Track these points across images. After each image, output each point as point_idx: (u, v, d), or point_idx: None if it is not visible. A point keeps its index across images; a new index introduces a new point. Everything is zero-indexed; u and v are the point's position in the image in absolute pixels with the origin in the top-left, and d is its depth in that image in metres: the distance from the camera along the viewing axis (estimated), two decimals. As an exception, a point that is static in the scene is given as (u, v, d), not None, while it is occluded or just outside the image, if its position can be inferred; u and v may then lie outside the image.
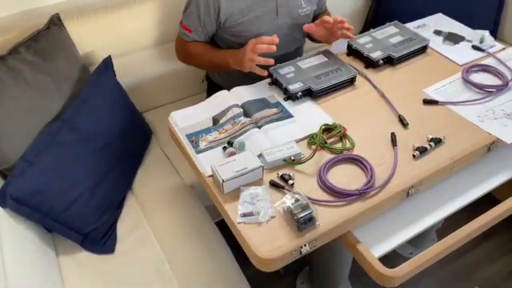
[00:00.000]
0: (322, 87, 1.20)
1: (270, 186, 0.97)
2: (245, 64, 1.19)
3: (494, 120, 1.11)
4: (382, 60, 1.29)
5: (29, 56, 1.16)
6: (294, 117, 1.15)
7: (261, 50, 1.14)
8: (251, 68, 1.19)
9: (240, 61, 1.21)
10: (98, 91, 1.24)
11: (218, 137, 1.10)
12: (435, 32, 1.44)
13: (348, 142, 1.07)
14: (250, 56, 1.16)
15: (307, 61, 1.30)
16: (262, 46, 1.14)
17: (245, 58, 1.18)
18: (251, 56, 1.16)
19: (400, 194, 0.98)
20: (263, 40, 1.14)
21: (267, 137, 1.09)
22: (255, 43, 1.15)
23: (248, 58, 1.17)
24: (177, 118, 1.16)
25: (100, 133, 1.21)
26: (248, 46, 1.17)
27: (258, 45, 1.14)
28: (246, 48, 1.17)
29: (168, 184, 1.35)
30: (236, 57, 1.23)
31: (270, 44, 1.13)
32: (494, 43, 1.37)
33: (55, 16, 1.29)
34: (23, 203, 1.03)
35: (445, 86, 1.22)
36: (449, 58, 1.33)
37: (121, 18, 1.41)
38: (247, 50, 1.17)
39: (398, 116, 1.13)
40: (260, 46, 1.14)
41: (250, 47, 1.16)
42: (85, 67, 1.31)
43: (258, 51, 1.14)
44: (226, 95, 1.22)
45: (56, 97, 1.19)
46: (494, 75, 1.25)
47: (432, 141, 1.05)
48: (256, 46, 1.14)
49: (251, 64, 1.18)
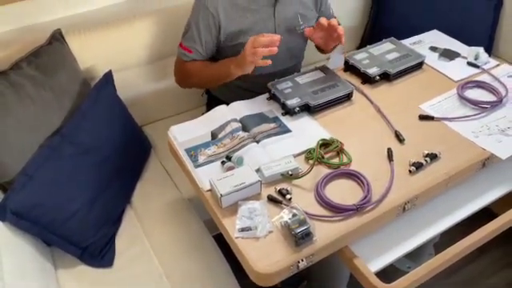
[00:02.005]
0: (319, 102, 1.22)
1: (268, 201, 0.98)
2: (247, 60, 1.15)
3: (488, 136, 1.13)
4: (378, 76, 1.31)
5: (30, 71, 1.18)
6: (292, 131, 1.17)
7: (262, 42, 1.11)
8: (253, 62, 1.14)
9: (241, 62, 1.18)
10: (98, 106, 1.25)
11: (217, 151, 1.11)
12: (431, 48, 1.46)
13: (345, 157, 1.09)
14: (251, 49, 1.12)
15: (305, 76, 1.32)
16: (262, 38, 1.11)
17: (246, 55, 1.14)
18: (252, 49, 1.12)
19: (396, 209, 0.99)
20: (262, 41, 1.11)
21: (265, 151, 1.10)
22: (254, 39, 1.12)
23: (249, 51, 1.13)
24: (176, 132, 1.18)
25: (99, 147, 1.23)
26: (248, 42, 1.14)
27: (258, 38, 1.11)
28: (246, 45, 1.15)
29: (166, 198, 1.35)
30: (236, 61, 1.22)
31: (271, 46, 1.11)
32: (489, 60, 1.39)
33: (57, 31, 1.31)
34: (22, 217, 1.04)
35: (440, 102, 1.24)
36: (444, 74, 1.35)
37: (122, 34, 1.43)
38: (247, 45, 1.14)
39: (395, 131, 1.15)
40: (260, 38, 1.11)
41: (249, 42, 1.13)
42: (85, 81, 1.33)
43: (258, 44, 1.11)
44: (225, 110, 1.24)
45: (57, 111, 1.21)
46: (488, 91, 1.27)
47: (428, 156, 1.06)
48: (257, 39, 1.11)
49: (253, 58, 1.13)
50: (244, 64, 1.18)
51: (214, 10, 1.26)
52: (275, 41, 1.11)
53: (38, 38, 1.30)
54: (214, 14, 1.26)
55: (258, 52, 1.12)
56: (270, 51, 1.12)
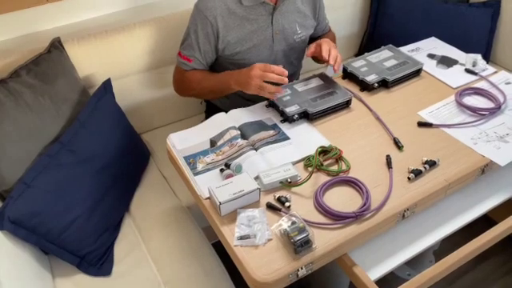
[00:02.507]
0: (318, 110, 1.22)
1: (267, 209, 0.98)
2: (250, 88, 1.18)
3: (487, 142, 1.13)
4: (376, 83, 1.31)
5: (29, 79, 1.18)
6: (291, 139, 1.17)
7: (271, 79, 1.14)
8: (258, 93, 1.18)
9: (244, 83, 1.20)
10: (97, 114, 1.25)
11: (216, 159, 1.11)
12: (429, 55, 1.47)
13: (344, 164, 1.09)
14: (258, 83, 1.15)
15: (303, 84, 1.32)
16: (271, 75, 1.14)
17: (251, 82, 1.17)
18: (259, 83, 1.15)
19: (396, 217, 0.99)
20: (273, 68, 1.14)
21: (264, 159, 1.10)
22: (264, 70, 1.15)
23: (255, 83, 1.16)
24: (175, 139, 1.18)
25: (98, 155, 1.22)
26: (253, 71, 1.16)
27: (266, 73, 1.14)
28: (252, 72, 1.16)
29: (165, 205, 1.35)
30: (238, 78, 1.23)
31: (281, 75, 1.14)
32: (487, 67, 1.40)
33: (56, 40, 1.31)
34: (21, 225, 1.04)
35: (439, 109, 1.24)
36: (442, 81, 1.35)
37: (120, 42, 1.43)
38: (253, 74, 1.16)
39: (393, 138, 1.15)
40: (270, 75, 1.14)
41: (257, 73, 1.15)
42: (84, 90, 1.33)
43: (266, 79, 1.14)
44: (224, 117, 1.24)
45: (56, 119, 1.21)
46: (486, 98, 1.27)
47: (427, 163, 1.06)
48: (265, 74, 1.14)
49: (259, 90, 1.17)
50: (247, 88, 1.20)
51: (213, 19, 1.26)
52: (285, 80, 1.14)
53: (37, 47, 1.31)
54: (212, 23, 1.27)
55: (266, 89, 1.16)
56: (277, 89, 1.16)
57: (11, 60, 1.28)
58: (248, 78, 1.18)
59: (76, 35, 1.40)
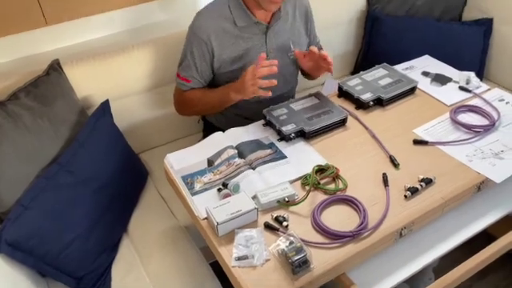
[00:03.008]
0: (314, 128, 1.23)
1: (265, 228, 0.98)
2: (247, 90, 1.19)
3: (482, 160, 1.14)
4: (372, 101, 1.32)
5: (28, 101, 1.19)
6: (288, 158, 1.18)
7: (262, 74, 1.15)
8: (254, 92, 1.19)
9: (241, 88, 1.21)
10: (95, 134, 1.26)
11: (213, 178, 1.12)
12: (423, 73, 1.49)
13: (341, 183, 1.09)
14: (252, 80, 1.16)
15: (299, 103, 1.34)
16: (262, 69, 1.14)
17: (246, 84, 1.18)
18: (253, 80, 1.16)
19: (393, 235, 0.99)
20: (262, 63, 1.15)
21: (261, 178, 1.10)
22: (254, 68, 1.16)
23: (250, 82, 1.17)
24: (172, 159, 1.18)
25: (96, 175, 1.23)
26: (247, 73, 1.18)
27: (257, 69, 1.15)
28: (245, 75, 1.18)
29: (163, 225, 1.35)
30: (235, 87, 1.25)
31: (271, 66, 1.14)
32: (480, 84, 1.42)
33: (55, 62, 1.33)
34: (18, 248, 1.03)
35: (434, 126, 1.26)
36: (437, 99, 1.37)
37: (119, 63, 1.45)
38: (247, 75, 1.17)
39: (389, 156, 1.16)
40: (260, 70, 1.15)
41: (249, 73, 1.17)
42: (83, 111, 1.34)
43: (259, 75, 1.15)
44: (221, 136, 1.25)
45: (54, 140, 1.21)
46: (481, 115, 1.29)
47: (423, 181, 1.07)
48: (256, 71, 1.15)
49: (254, 88, 1.17)
50: (244, 93, 1.21)
51: (207, 39, 1.29)
52: (274, 69, 1.14)
53: (36, 69, 1.32)
54: (206, 43, 1.29)
55: (258, 84, 1.16)
56: (271, 82, 1.15)
57: (10, 82, 1.29)
58: (243, 82, 1.20)
59: (75, 57, 1.41)
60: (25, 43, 1.47)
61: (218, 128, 1.48)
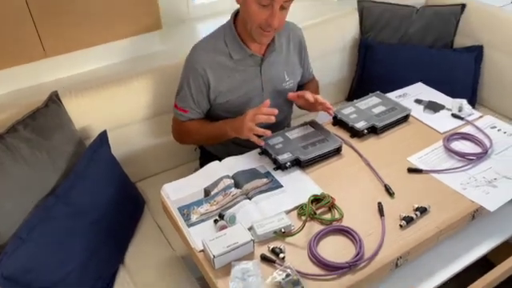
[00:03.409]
0: (309, 157, 1.24)
1: (261, 260, 0.98)
2: (243, 132, 1.23)
3: (476, 188, 1.15)
4: (366, 130, 1.34)
5: (27, 134, 1.20)
6: (284, 187, 1.18)
7: (259, 121, 1.19)
8: (249, 137, 1.23)
9: (238, 128, 1.25)
10: (93, 165, 1.27)
11: (210, 209, 1.12)
12: (416, 101, 1.51)
13: (337, 213, 1.10)
14: (250, 125, 1.21)
15: (295, 131, 1.36)
16: (261, 116, 1.19)
17: (244, 127, 1.22)
18: (250, 125, 1.21)
19: (389, 265, 0.99)
20: (262, 110, 1.20)
21: (258, 208, 1.11)
22: (254, 113, 1.20)
23: (247, 126, 1.21)
24: (169, 190, 1.19)
25: (93, 206, 1.23)
26: (247, 115, 1.22)
27: (257, 115, 1.19)
28: (246, 117, 1.22)
29: (159, 256, 1.34)
30: (233, 125, 1.28)
31: (269, 115, 1.19)
32: (472, 111, 1.44)
33: (53, 93, 1.35)
34: (15, 282, 1.02)
35: (428, 154, 1.27)
36: (430, 127, 1.39)
37: (117, 93, 1.47)
38: (246, 119, 1.22)
39: (384, 185, 1.17)
40: (259, 116, 1.19)
41: (249, 116, 1.21)
42: (81, 141, 1.35)
43: (257, 121, 1.20)
44: (217, 166, 1.26)
45: (52, 172, 1.22)
46: (473, 143, 1.31)
47: (418, 210, 1.08)
48: (255, 117, 1.19)
49: (250, 133, 1.22)
50: (241, 134, 1.25)
51: (203, 71, 1.32)
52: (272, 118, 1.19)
53: (35, 100, 1.34)
54: (202, 75, 1.32)
55: (255, 130, 1.20)
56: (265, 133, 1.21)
57: (9, 114, 1.31)
58: (241, 122, 1.23)
59: (73, 88, 1.44)
60: (24, 74, 1.49)
61: (214, 156, 1.50)
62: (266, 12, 1.20)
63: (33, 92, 1.46)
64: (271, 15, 1.20)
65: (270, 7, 1.19)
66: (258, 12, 1.21)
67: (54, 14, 1.44)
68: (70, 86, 1.46)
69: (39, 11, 1.41)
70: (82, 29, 1.51)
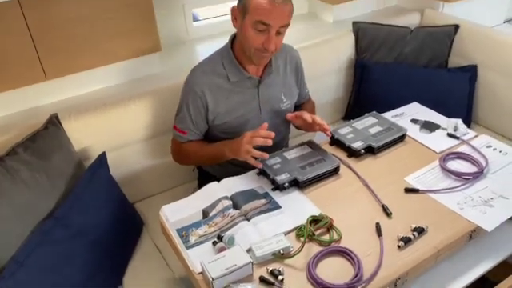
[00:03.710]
0: (307, 178, 1.25)
1: (260, 282, 0.98)
2: (241, 154, 1.25)
3: (473, 207, 1.16)
4: (363, 150, 1.36)
5: (26, 156, 1.21)
6: (282, 208, 1.19)
7: (256, 143, 1.21)
8: (247, 159, 1.24)
9: (236, 150, 1.26)
10: (92, 187, 1.27)
11: (208, 230, 1.13)
12: (412, 121, 1.53)
13: (335, 234, 1.10)
14: (247, 147, 1.22)
15: (292, 151, 1.37)
16: (258, 139, 1.20)
17: (241, 149, 1.23)
18: (247, 147, 1.22)
19: (388, 286, 0.99)
20: (260, 133, 1.21)
21: (256, 229, 1.11)
22: (252, 136, 1.22)
23: (244, 149, 1.23)
24: (167, 212, 1.19)
25: (92, 228, 1.23)
26: (245, 138, 1.23)
27: (254, 138, 1.21)
28: (243, 139, 1.24)
29: (158, 277, 1.34)
30: (231, 146, 1.29)
31: (266, 138, 1.20)
32: (468, 131, 1.46)
33: (53, 116, 1.36)
34: (12, 306, 1.02)
35: (424, 174, 1.28)
36: (426, 146, 1.40)
37: (116, 115, 1.48)
38: (244, 141, 1.23)
39: (382, 205, 1.17)
40: (256, 138, 1.20)
41: (246, 139, 1.23)
42: (80, 163, 1.36)
43: (254, 144, 1.21)
44: (216, 187, 1.27)
45: (50, 194, 1.23)
46: (469, 162, 1.32)
47: (415, 230, 1.08)
48: (253, 139, 1.21)
49: (247, 155, 1.23)
50: (238, 156, 1.26)
51: (201, 93, 1.34)
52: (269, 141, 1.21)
53: (35, 122, 1.35)
54: (201, 97, 1.34)
55: (252, 153, 1.22)
56: (262, 155, 1.22)
57: (9, 136, 1.32)
58: (239, 144, 1.25)
59: (73, 110, 1.45)
60: (24, 97, 1.51)
61: (212, 176, 1.51)
62: (262, 37, 1.23)
63: (33, 114, 1.48)
64: (267, 40, 1.23)
65: (266, 32, 1.22)
66: (254, 37, 1.24)
67: (54, 38, 1.46)
68: (70, 107, 1.48)
69: (40, 35, 1.44)
70: (82, 52, 1.54)
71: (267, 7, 1.18)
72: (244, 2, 1.23)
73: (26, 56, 1.44)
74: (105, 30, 1.56)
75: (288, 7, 1.22)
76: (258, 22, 1.21)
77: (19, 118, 1.47)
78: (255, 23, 1.21)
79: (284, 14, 1.21)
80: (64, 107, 1.49)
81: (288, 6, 1.22)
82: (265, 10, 1.19)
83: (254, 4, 1.20)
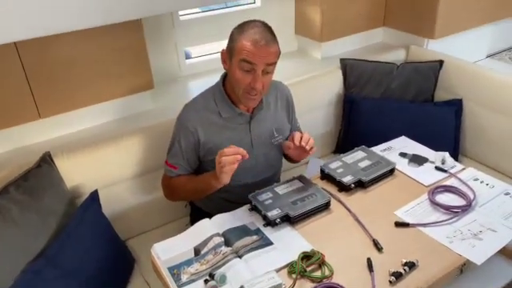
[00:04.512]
0: (298, 213, 1.26)
1: (252, 321, 0.97)
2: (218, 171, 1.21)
3: (462, 241, 1.17)
4: (353, 184, 1.38)
5: (18, 195, 1.22)
6: (274, 244, 1.19)
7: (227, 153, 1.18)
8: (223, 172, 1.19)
9: (217, 175, 1.23)
10: (83, 225, 1.27)
11: (200, 268, 1.12)
12: (400, 154, 1.56)
13: (327, 270, 1.10)
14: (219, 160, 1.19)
15: (284, 186, 1.38)
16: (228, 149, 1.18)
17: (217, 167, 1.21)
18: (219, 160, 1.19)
19: (381, 323, 0.99)
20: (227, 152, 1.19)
21: (248, 267, 1.11)
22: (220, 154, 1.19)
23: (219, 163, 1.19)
24: (159, 250, 1.19)
25: (83, 267, 1.22)
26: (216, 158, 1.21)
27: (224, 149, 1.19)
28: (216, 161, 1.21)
29: (150, 316, 1.32)
30: (214, 174, 1.26)
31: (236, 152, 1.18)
32: (455, 163, 1.49)
33: (46, 154, 1.37)
34: None
35: (414, 208, 1.30)
36: (415, 180, 1.42)
37: (108, 152, 1.50)
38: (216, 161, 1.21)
39: (373, 240, 1.18)
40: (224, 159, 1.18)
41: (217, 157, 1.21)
42: (72, 201, 1.36)
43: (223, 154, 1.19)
44: (207, 224, 1.27)
45: (42, 233, 1.22)
46: (458, 195, 1.34)
47: (406, 265, 1.09)
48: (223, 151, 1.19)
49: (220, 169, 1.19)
50: (219, 175, 1.22)
51: (194, 129, 1.36)
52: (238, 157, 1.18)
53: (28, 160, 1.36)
54: (193, 133, 1.36)
55: (222, 162, 1.18)
56: (235, 158, 1.18)
57: (2, 175, 1.32)
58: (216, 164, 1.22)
59: (66, 147, 1.46)
60: (18, 135, 1.53)
61: (204, 212, 1.51)
62: (249, 77, 1.27)
63: (26, 152, 1.49)
64: (254, 79, 1.27)
65: (252, 72, 1.26)
66: (242, 77, 1.28)
67: (49, 79, 1.50)
68: (63, 145, 1.50)
69: (35, 76, 1.47)
70: (76, 91, 1.57)
71: (251, 48, 1.23)
72: (231, 45, 1.29)
73: (21, 96, 1.47)
74: (98, 71, 1.60)
75: (273, 48, 1.26)
76: (242, 61, 1.25)
77: (12, 156, 1.49)
78: (240, 62, 1.26)
79: (268, 53, 1.25)
80: (57, 145, 1.50)
81: (272, 47, 1.26)
82: (249, 50, 1.23)
83: (239, 45, 1.25)
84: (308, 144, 1.33)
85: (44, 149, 1.40)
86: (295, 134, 1.36)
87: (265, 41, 1.24)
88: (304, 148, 1.34)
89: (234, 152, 1.19)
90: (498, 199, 1.32)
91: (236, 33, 1.29)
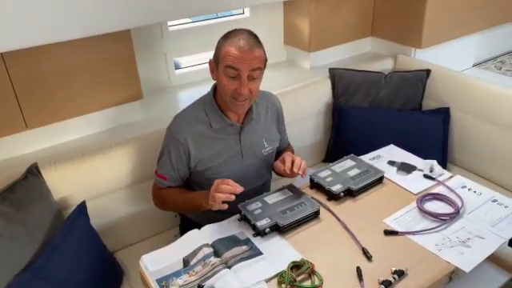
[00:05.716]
0: (288, 222, 1.26)
1: (241, 333, 0.96)
2: (209, 201, 1.23)
3: (450, 248, 1.17)
4: (342, 192, 1.38)
5: (4, 208, 1.20)
6: (264, 254, 1.19)
7: (223, 191, 1.19)
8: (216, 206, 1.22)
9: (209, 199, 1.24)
10: (71, 237, 1.26)
11: (189, 280, 1.11)
12: (389, 163, 1.57)
13: (317, 279, 1.10)
14: (213, 194, 1.21)
15: (273, 196, 1.38)
16: (225, 187, 1.20)
17: (210, 195, 1.22)
18: (213, 194, 1.21)
19: (370, 332, 0.99)
20: (228, 182, 1.21)
21: (237, 277, 1.10)
22: (220, 183, 1.21)
23: (211, 196, 1.22)
24: (147, 261, 1.18)
25: (71, 279, 1.20)
26: (213, 187, 1.23)
27: (222, 185, 1.20)
28: (211, 188, 1.23)
29: (138, 330, 1.30)
30: (205, 197, 1.28)
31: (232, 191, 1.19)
32: (443, 171, 1.50)
33: (33, 165, 1.36)
34: None
35: (403, 216, 1.31)
36: (404, 188, 1.43)
37: (96, 163, 1.49)
38: (211, 190, 1.23)
39: (362, 249, 1.18)
40: (224, 186, 1.19)
41: (214, 187, 1.22)
42: (59, 212, 1.35)
43: (220, 191, 1.20)
44: (197, 234, 1.26)
45: (28, 245, 1.20)
46: (446, 203, 1.35)
47: (395, 273, 1.09)
48: (220, 187, 1.20)
49: (214, 203, 1.21)
50: (210, 203, 1.24)
51: (184, 141, 1.36)
52: (232, 197, 1.20)
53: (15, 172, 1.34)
54: (183, 144, 1.36)
55: (217, 198, 1.20)
56: (228, 197, 1.20)
57: (-13, 187, 1.31)
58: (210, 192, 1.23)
59: (53, 159, 1.45)
60: (4, 146, 1.51)
61: (194, 222, 1.50)
62: (235, 83, 1.28)
63: (13, 164, 1.48)
64: (240, 85, 1.27)
65: (238, 78, 1.27)
66: (228, 84, 1.28)
67: (36, 89, 1.49)
68: (50, 157, 1.48)
69: (22, 87, 1.46)
70: (64, 102, 1.56)
71: (235, 53, 1.24)
72: (217, 53, 1.30)
73: (8, 107, 1.46)
74: (87, 82, 1.59)
75: (257, 52, 1.27)
76: (227, 67, 1.26)
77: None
78: (226, 69, 1.27)
79: (253, 58, 1.26)
80: (44, 156, 1.49)
81: (256, 51, 1.27)
82: (233, 55, 1.25)
83: (224, 52, 1.26)
84: (300, 169, 1.34)
85: (31, 160, 1.39)
86: (286, 158, 1.36)
87: (248, 46, 1.25)
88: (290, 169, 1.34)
89: (230, 191, 1.20)
90: (485, 206, 1.33)
91: (221, 41, 1.30)
